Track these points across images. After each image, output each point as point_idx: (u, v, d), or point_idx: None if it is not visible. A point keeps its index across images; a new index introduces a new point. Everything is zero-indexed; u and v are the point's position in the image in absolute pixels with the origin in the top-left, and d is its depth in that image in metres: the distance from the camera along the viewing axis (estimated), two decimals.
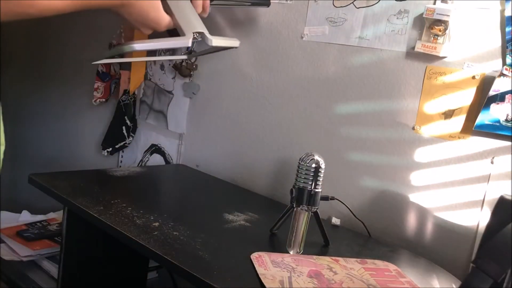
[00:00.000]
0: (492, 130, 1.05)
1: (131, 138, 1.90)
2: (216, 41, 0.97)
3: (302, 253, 0.98)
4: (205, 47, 1.01)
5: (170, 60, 1.73)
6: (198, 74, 1.67)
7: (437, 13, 1.09)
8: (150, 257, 0.97)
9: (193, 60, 1.65)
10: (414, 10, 1.17)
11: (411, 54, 1.17)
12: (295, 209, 0.99)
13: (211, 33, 0.96)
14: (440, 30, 1.10)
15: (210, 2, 1.07)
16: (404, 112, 1.20)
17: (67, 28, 2.22)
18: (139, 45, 0.88)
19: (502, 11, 1.04)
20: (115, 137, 1.92)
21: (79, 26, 2.15)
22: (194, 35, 0.92)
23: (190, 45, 0.92)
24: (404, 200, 1.20)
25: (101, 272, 1.33)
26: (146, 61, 1.83)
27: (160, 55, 1.72)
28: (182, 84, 1.71)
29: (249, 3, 1.36)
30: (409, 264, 1.08)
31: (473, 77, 1.09)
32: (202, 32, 0.94)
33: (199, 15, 1.02)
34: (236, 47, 1.08)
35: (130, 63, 1.84)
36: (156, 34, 0.93)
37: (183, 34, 0.91)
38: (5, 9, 0.58)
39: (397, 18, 1.20)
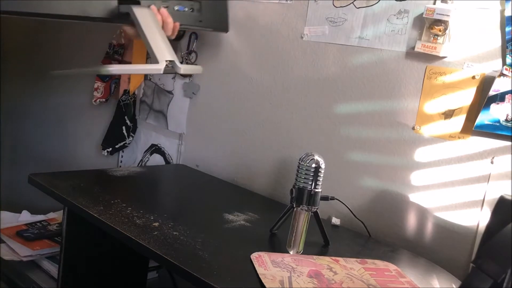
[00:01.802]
0: (492, 130, 1.05)
1: (131, 138, 1.90)
2: (184, 68, 1.21)
3: (302, 253, 0.98)
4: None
5: None
6: (198, 74, 1.67)
7: (437, 13, 1.09)
8: (150, 257, 0.97)
9: (193, 60, 1.66)
10: (414, 10, 1.17)
11: (411, 54, 1.17)
12: (295, 209, 0.99)
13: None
14: (440, 30, 1.10)
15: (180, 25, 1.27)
16: (404, 112, 1.20)
17: (68, 28, 2.22)
18: (114, 69, 1.00)
19: (502, 11, 1.04)
20: (115, 137, 1.92)
21: (79, 26, 2.15)
22: (166, 63, 1.12)
23: (162, 72, 1.11)
24: (404, 200, 1.20)
25: (101, 272, 1.33)
26: (146, 61, 1.83)
27: None
28: (182, 84, 1.71)
29: (211, 29, 1.51)
30: (409, 264, 1.08)
31: (473, 77, 1.09)
32: (173, 61, 1.13)
33: (168, 37, 1.16)
34: (200, 73, 1.38)
35: (130, 63, 1.84)
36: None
37: (156, 61, 1.11)
38: None
39: (397, 18, 1.20)
